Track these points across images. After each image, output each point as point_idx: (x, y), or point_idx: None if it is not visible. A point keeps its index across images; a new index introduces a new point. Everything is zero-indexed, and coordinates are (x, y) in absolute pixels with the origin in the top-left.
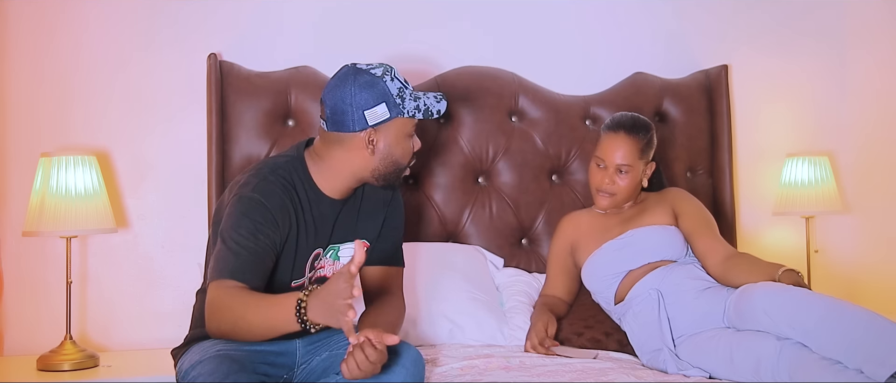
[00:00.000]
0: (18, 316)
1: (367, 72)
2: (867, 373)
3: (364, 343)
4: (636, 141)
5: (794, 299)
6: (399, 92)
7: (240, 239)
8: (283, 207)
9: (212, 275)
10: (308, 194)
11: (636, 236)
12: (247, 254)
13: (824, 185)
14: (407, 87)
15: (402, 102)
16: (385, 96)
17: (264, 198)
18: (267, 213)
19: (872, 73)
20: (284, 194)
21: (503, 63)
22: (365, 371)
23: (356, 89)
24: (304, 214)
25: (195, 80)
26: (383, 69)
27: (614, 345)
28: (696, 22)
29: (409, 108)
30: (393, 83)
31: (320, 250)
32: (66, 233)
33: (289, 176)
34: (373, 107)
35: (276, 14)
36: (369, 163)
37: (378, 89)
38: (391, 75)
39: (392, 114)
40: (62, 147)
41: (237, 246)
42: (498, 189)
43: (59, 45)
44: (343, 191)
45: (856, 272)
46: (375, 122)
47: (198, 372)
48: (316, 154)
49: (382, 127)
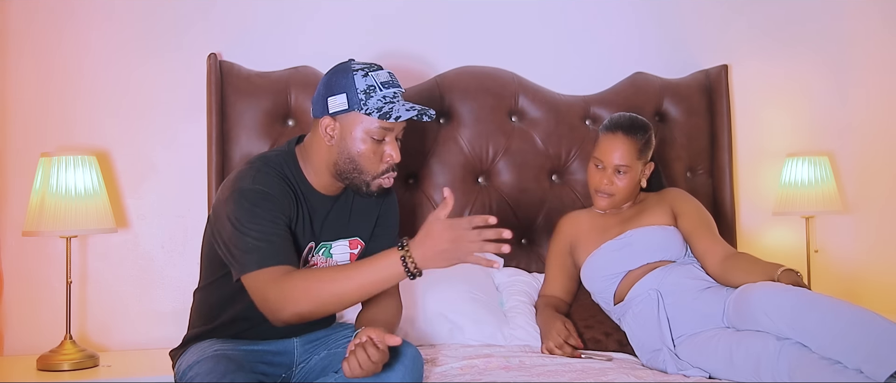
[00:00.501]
0: (18, 316)
1: (348, 65)
2: (867, 373)
3: (366, 342)
4: (634, 141)
5: (793, 299)
6: (367, 89)
7: (262, 228)
8: (285, 194)
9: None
10: (300, 187)
11: (635, 236)
12: (276, 238)
13: (824, 185)
14: (380, 89)
15: (364, 99)
16: (348, 88)
17: (266, 187)
18: (273, 200)
19: (872, 73)
20: (283, 183)
21: (503, 63)
22: (366, 370)
23: (330, 76)
24: (300, 206)
25: (195, 80)
26: (366, 67)
27: (614, 345)
28: (696, 22)
29: (371, 106)
30: (364, 79)
31: (313, 244)
32: (66, 233)
33: (280, 168)
34: (334, 95)
35: (276, 14)
36: (330, 156)
37: (346, 81)
38: (368, 73)
39: (350, 107)
40: (62, 147)
41: (261, 235)
42: (498, 189)
43: (59, 45)
44: (329, 186)
45: (856, 272)
46: (334, 111)
47: (195, 372)
48: (304, 147)
49: (341, 118)
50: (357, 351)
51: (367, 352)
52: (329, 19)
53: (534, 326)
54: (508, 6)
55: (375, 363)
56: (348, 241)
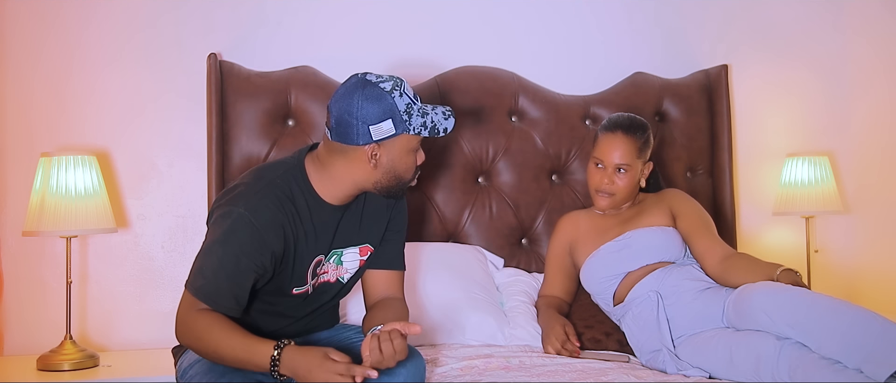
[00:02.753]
0: (18, 316)
1: (375, 85)
2: (867, 373)
3: (393, 331)
4: (634, 140)
5: (793, 299)
6: (407, 108)
7: (224, 258)
8: (275, 223)
9: (189, 283)
10: (308, 202)
11: (634, 237)
12: (225, 276)
13: (824, 185)
14: (415, 103)
15: (408, 119)
16: (392, 112)
17: (253, 216)
18: (254, 233)
19: (872, 73)
20: (278, 208)
21: (503, 63)
22: (386, 356)
23: (363, 102)
24: (304, 223)
25: (195, 80)
26: (393, 83)
27: (614, 345)
28: (696, 22)
29: (416, 125)
30: (401, 99)
31: (321, 257)
32: (66, 233)
33: (287, 186)
34: (379, 123)
35: (276, 14)
36: (372, 176)
37: (385, 104)
38: (401, 90)
39: (398, 131)
40: (62, 147)
41: (219, 265)
42: (498, 189)
43: (59, 44)
44: (344, 198)
45: (856, 272)
46: (380, 138)
47: (194, 372)
48: (318, 160)
49: (387, 142)
50: (383, 338)
51: (393, 343)
52: (329, 19)
53: (534, 326)
54: (508, 6)
55: (398, 352)
56: (358, 248)
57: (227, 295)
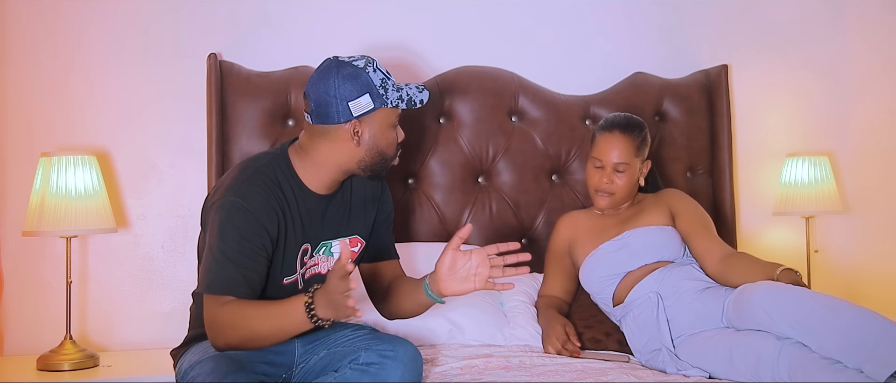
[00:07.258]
0: (18, 316)
1: (349, 63)
2: (867, 373)
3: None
4: (631, 139)
5: (793, 298)
6: (382, 82)
7: (226, 248)
8: (267, 207)
9: (203, 287)
10: (293, 190)
11: (633, 237)
12: (233, 264)
13: (824, 185)
14: (389, 78)
15: (385, 92)
16: (368, 87)
17: (246, 202)
18: (250, 217)
19: (872, 73)
20: (268, 193)
21: (503, 63)
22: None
23: (339, 81)
24: (291, 211)
25: (195, 80)
26: (365, 60)
27: (614, 345)
28: (696, 22)
29: (393, 98)
30: (375, 74)
31: (308, 245)
32: (66, 233)
33: (272, 173)
34: (357, 98)
35: (276, 14)
36: (356, 155)
37: (361, 80)
38: (374, 66)
39: (376, 105)
40: (62, 147)
41: (224, 257)
42: (498, 189)
43: (59, 44)
44: (329, 186)
45: (856, 272)
46: (360, 113)
47: (197, 372)
48: (301, 149)
49: (367, 117)
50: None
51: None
52: (329, 19)
53: (534, 326)
54: (508, 6)
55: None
56: (349, 239)
57: (240, 280)
